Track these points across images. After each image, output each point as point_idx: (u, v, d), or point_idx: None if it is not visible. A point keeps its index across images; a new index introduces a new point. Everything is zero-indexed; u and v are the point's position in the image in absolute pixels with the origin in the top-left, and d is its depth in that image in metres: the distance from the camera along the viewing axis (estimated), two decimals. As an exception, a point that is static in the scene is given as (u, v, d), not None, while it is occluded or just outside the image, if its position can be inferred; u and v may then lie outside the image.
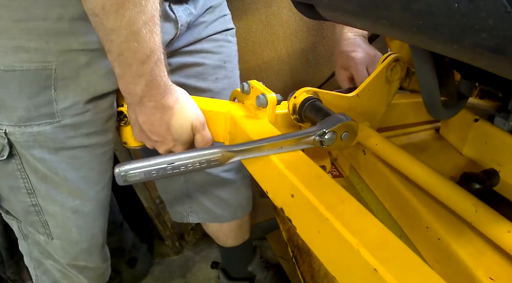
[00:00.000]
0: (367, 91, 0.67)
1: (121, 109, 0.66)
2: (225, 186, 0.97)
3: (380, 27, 0.43)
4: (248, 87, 0.63)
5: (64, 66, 0.57)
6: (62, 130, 0.61)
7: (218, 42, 0.83)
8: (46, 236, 0.74)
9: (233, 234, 1.12)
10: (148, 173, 0.43)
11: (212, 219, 1.04)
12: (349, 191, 0.42)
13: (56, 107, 0.59)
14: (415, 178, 0.59)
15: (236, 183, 0.99)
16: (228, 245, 1.16)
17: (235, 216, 1.05)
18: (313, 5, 0.52)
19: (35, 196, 0.68)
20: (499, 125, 0.71)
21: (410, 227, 0.64)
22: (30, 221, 0.73)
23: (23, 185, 0.67)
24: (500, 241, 0.48)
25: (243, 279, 1.25)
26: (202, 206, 1.00)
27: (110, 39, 0.50)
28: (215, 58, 0.83)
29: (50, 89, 0.57)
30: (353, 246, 0.34)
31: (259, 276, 1.26)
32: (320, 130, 0.50)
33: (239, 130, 0.58)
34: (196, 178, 0.95)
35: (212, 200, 0.99)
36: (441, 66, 0.57)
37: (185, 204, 1.02)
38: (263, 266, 1.28)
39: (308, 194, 0.41)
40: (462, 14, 0.29)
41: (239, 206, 1.04)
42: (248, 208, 1.08)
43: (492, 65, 0.33)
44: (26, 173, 0.65)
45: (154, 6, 0.49)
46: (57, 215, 0.71)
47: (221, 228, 1.09)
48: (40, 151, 0.62)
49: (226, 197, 0.99)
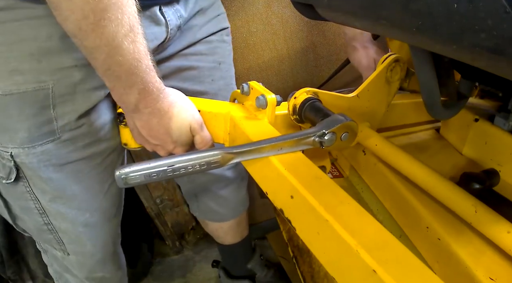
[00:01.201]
0: (367, 92, 0.67)
1: (121, 111, 0.66)
2: (227, 185, 0.99)
3: (380, 27, 0.43)
4: (247, 88, 0.63)
5: (60, 84, 0.57)
6: (63, 146, 0.62)
7: (212, 44, 0.82)
8: (62, 252, 0.76)
9: (232, 232, 1.13)
10: (148, 175, 0.43)
11: (216, 219, 1.07)
12: (349, 191, 0.42)
13: (56, 125, 0.59)
14: (414, 178, 0.59)
15: (236, 181, 1.00)
16: (227, 243, 1.17)
17: (235, 214, 1.07)
18: (313, 6, 0.52)
19: (47, 216, 0.69)
20: (499, 125, 0.71)
21: (410, 227, 0.64)
22: (45, 238, 0.74)
23: (34, 206, 0.68)
24: (500, 241, 0.48)
25: (243, 277, 1.25)
26: (207, 206, 1.02)
27: (94, 57, 0.50)
28: (210, 60, 0.82)
29: (49, 108, 0.58)
30: (352, 247, 0.34)
31: (259, 274, 1.26)
32: (320, 131, 0.50)
33: (239, 132, 0.58)
34: (199, 177, 0.96)
35: (216, 200, 1.01)
36: (441, 66, 0.56)
37: (193, 202, 1.06)
38: (263, 264, 1.29)
39: (307, 195, 0.41)
40: (461, 15, 0.29)
41: (239, 204, 1.06)
42: (246, 205, 1.10)
43: (491, 65, 0.33)
44: (35, 194, 0.66)
45: (131, 17, 0.48)
46: (69, 231, 0.72)
47: (221, 226, 1.10)
48: (45, 171, 0.63)
49: (227, 195, 1.00)
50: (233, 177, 0.98)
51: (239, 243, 1.17)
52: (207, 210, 1.04)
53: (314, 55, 1.20)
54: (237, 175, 0.99)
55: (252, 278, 1.25)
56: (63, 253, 0.76)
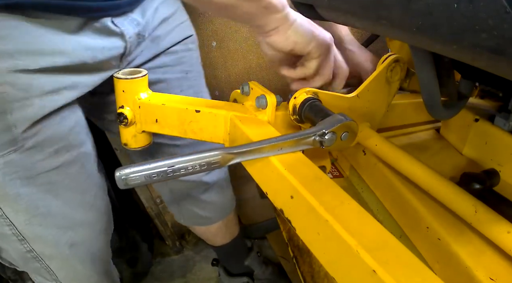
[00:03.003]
0: (367, 92, 0.67)
1: (121, 111, 0.66)
2: (207, 190, 0.98)
3: (380, 27, 0.43)
4: (248, 89, 0.63)
5: (15, 87, 0.54)
6: (29, 155, 0.57)
7: (178, 54, 0.81)
8: (55, 282, 0.71)
9: (220, 233, 1.13)
10: (148, 176, 0.43)
11: (202, 223, 1.06)
12: (349, 191, 0.42)
13: (16, 131, 0.55)
14: (414, 178, 0.59)
15: (218, 183, 0.99)
16: (218, 244, 1.17)
17: (221, 216, 1.06)
18: (313, 6, 0.52)
19: (27, 242, 0.64)
20: (500, 125, 0.71)
21: (410, 227, 0.64)
22: (33, 268, 0.69)
23: (11, 232, 0.62)
24: (500, 242, 0.48)
25: (242, 274, 1.26)
26: (191, 212, 1.01)
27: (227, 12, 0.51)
28: (177, 70, 0.81)
29: (6, 113, 0.54)
30: (352, 247, 0.34)
31: (257, 271, 1.27)
32: (320, 131, 0.50)
33: (239, 132, 0.58)
34: (179, 186, 0.95)
35: (198, 204, 1.00)
36: (441, 66, 0.56)
37: (176, 211, 1.05)
38: (261, 261, 1.29)
39: (307, 195, 0.41)
40: (461, 15, 0.29)
41: (224, 206, 1.06)
42: (232, 206, 1.09)
43: (491, 65, 0.33)
44: (8, 218, 0.61)
45: None
46: (55, 256, 0.67)
47: (208, 229, 1.10)
48: (13, 185, 0.58)
49: (210, 199, 1.00)
50: (212, 182, 0.97)
51: (230, 243, 1.17)
52: (191, 215, 1.03)
53: (314, 55, 1.20)
54: (216, 179, 0.98)
55: (251, 275, 1.26)
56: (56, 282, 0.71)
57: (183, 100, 0.64)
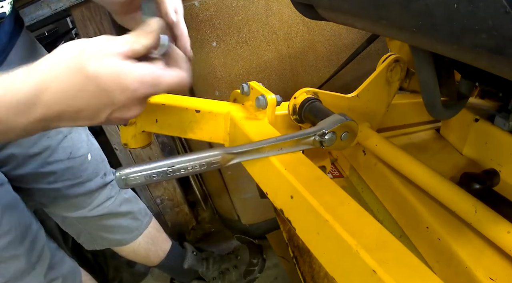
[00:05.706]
0: (367, 92, 0.67)
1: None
2: (121, 216, 0.99)
3: (380, 27, 0.43)
4: (247, 89, 0.63)
5: None
6: None
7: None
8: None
9: (151, 252, 1.13)
10: (148, 176, 0.43)
11: (116, 244, 1.06)
12: (349, 191, 0.42)
13: None
14: (414, 178, 0.59)
15: (131, 206, 1.01)
16: (156, 263, 1.17)
17: (140, 231, 1.07)
18: (313, 6, 0.52)
19: None
20: (500, 125, 0.71)
21: (410, 227, 0.64)
22: None
23: None
24: (500, 242, 0.48)
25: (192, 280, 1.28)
26: (105, 238, 1.02)
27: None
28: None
29: None
30: (352, 247, 0.34)
31: (201, 270, 1.28)
32: (320, 131, 0.50)
33: (239, 132, 0.58)
34: (89, 219, 0.96)
35: (111, 231, 1.00)
36: (441, 66, 0.56)
37: (87, 237, 1.04)
38: (200, 258, 1.30)
39: (307, 195, 0.41)
40: (461, 15, 0.29)
41: (140, 222, 1.06)
42: (149, 217, 1.10)
43: (491, 65, 0.33)
44: None
45: None
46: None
47: (134, 250, 1.09)
48: None
49: (124, 224, 1.01)
50: (126, 209, 0.99)
51: (167, 258, 1.18)
52: (105, 241, 1.03)
53: (314, 55, 1.20)
54: (130, 205, 1.00)
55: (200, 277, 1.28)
56: None
57: (183, 100, 0.64)
